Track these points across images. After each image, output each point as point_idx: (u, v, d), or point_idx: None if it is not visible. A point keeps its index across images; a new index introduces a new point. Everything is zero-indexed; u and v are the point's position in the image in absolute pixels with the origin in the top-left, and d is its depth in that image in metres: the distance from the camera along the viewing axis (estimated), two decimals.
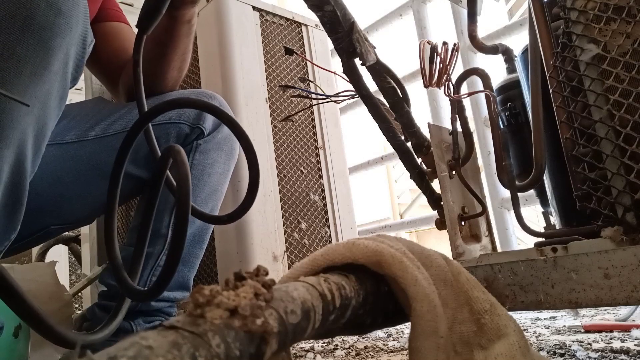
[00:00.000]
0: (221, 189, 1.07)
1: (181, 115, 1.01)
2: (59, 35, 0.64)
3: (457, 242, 0.84)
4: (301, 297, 0.31)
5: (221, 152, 1.05)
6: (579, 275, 0.63)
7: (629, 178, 0.60)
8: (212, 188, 1.04)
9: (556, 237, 0.75)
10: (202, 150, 1.02)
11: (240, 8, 1.42)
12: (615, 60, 0.63)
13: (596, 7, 0.66)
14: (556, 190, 0.84)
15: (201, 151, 1.02)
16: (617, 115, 0.62)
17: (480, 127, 1.86)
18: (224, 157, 1.06)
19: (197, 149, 1.01)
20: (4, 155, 0.60)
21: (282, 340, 0.28)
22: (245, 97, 1.35)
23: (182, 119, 1.02)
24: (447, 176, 0.87)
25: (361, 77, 0.87)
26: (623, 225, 0.61)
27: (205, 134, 1.03)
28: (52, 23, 0.63)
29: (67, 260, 2.60)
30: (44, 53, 0.63)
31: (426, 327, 0.42)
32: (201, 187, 1.01)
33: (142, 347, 0.20)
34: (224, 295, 0.25)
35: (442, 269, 0.49)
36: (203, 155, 1.02)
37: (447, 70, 0.84)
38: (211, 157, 1.03)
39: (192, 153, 1.00)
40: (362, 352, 1.06)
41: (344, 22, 0.83)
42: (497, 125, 0.88)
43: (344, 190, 1.52)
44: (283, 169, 1.40)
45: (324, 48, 1.61)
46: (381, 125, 0.89)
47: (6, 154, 0.61)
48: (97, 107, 1.05)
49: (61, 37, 0.65)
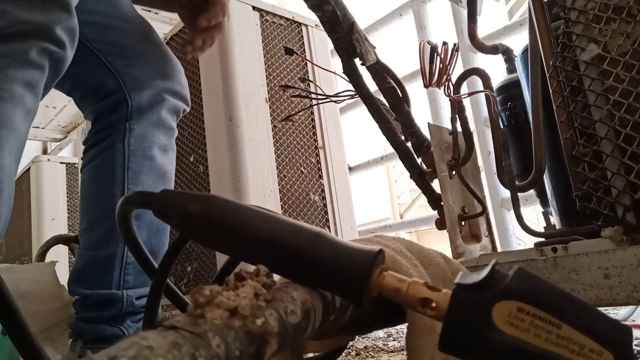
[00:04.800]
0: (170, 169, 0.97)
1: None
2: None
3: (457, 242, 0.84)
4: (301, 297, 0.31)
5: (157, 130, 0.95)
6: (579, 275, 0.63)
7: (629, 178, 0.60)
8: (160, 171, 0.95)
9: (556, 237, 0.75)
10: (136, 134, 0.92)
11: (241, 8, 1.42)
12: (615, 60, 0.63)
13: (596, 7, 0.66)
14: (556, 190, 0.84)
15: (136, 135, 0.92)
16: (617, 115, 0.62)
17: (480, 127, 1.86)
18: (162, 134, 0.96)
19: (131, 134, 0.91)
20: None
21: (282, 341, 0.28)
22: (245, 97, 1.35)
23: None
24: (447, 176, 0.87)
25: (361, 77, 0.87)
26: (623, 225, 0.61)
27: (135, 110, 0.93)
28: None
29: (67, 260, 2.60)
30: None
31: (422, 325, 0.42)
32: (146, 173, 0.92)
33: (142, 347, 0.20)
34: (224, 296, 0.25)
35: (441, 267, 0.49)
36: (139, 140, 0.92)
37: (447, 70, 0.84)
38: (149, 138, 0.93)
39: (127, 139, 0.91)
40: (362, 352, 1.06)
41: (344, 22, 0.83)
42: (497, 125, 0.89)
43: (344, 190, 1.52)
44: (283, 169, 1.40)
45: (324, 48, 1.61)
46: (381, 125, 0.89)
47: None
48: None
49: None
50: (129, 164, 0.90)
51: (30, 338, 0.41)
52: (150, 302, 0.49)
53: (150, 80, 0.94)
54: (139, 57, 0.94)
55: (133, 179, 0.90)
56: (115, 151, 0.90)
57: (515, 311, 0.28)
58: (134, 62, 0.93)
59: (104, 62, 0.91)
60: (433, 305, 0.31)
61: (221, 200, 0.36)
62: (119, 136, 0.90)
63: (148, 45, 0.96)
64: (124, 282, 0.89)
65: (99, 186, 0.91)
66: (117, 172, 0.89)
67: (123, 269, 0.89)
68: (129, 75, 0.92)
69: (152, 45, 0.97)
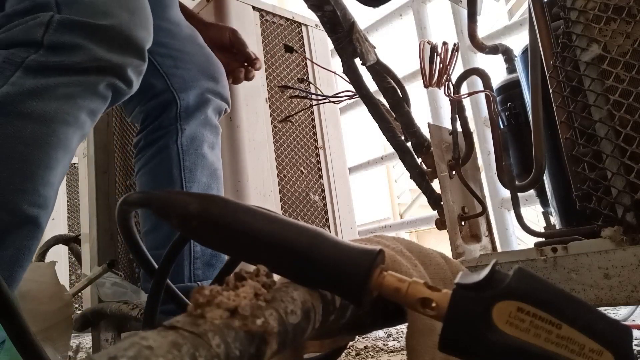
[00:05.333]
0: (219, 166, 1.03)
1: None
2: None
3: (457, 242, 0.84)
4: (301, 297, 0.31)
5: (205, 129, 1.00)
6: (579, 275, 0.63)
7: (629, 178, 0.60)
8: (211, 168, 0.99)
9: (556, 237, 0.75)
10: (187, 134, 0.97)
11: (240, 8, 1.42)
12: (615, 60, 0.63)
13: (596, 7, 0.66)
14: (556, 190, 0.84)
15: (187, 136, 0.97)
16: (617, 115, 0.62)
17: (480, 127, 1.86)
18: (209, 133, 1.01)
19: (182, 134, 0.96)
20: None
21: (282, 341, 0.28)
22: (245, 97, 1.35)
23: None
24: (447, 176, 0.87)
25: (361, 77, 0.87)
26: (623, 225, 0.61)
27: (184, 109, 0.98)
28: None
29: (67, 260, 2.60)
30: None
31: (423, 325, 0.42)
32: (199, 171, 0.97)
33: (142, 347, 0.20)
34: (224, 296, 0.25)
35: (441, 267, 0.49)
36: (190, 140, 0.97)
37: (447, 70, 0.84)
38: (199, 137, 0.98)
39: (179, 140, 0.96)
40: (362, 352, 1.06)
41: (344, 22, 0.83)
42: (497, 125, 0.89)
43: (344, 190, 1.52)
44: (283, 169, 1.40)
45: (324, 48, 1.61)
46: (381, 125, 0.89)
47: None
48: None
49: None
50: (184, 163, 0.95)
51: (30, 338, 0.41)
52: (150, 302, 0.49)
53: (196, 81, 0.98)
54: (186, 58, 0.99)
55: (189, 177, 0.95)
56: (170, 152, 0.95)
57: (515, 311, 0.28)
58: (180, 64, 0.98)
59: (153, 62, 0.96)
60: (433, 305, 0.31)
61: (221, 200, 0.36)
62: (172, 137, 0.96)
63: (194, 48, 1.01)
64: (194, 275, 0.94)
65: (158, 188, 0.95)
66: (174, 172, 0.95)
67: (192, 264, 0.94)
68: (176, 76, 0.97)
69: (198, 48, 1.02)
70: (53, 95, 0.64)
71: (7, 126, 0.62)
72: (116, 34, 0.68)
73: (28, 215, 0.63)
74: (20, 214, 0.62)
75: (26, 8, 0.66)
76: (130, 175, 1.54)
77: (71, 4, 0.66)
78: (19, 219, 0.62)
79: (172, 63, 0.97)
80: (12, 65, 0.64)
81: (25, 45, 0.65)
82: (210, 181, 0.98)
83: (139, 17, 0.73)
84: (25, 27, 0.65)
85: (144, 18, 0.74)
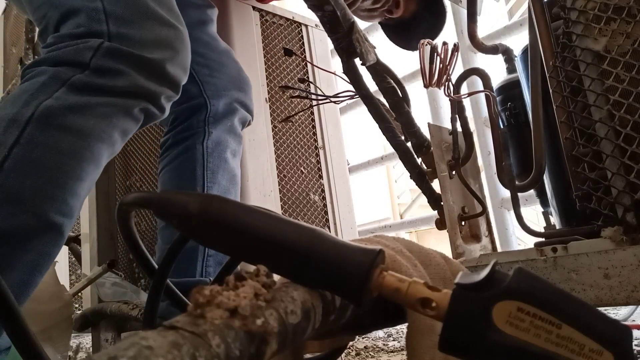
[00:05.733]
0: (239, 173, 1.09)
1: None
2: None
3: (457, 242, 0.84)
4: (301, 297, 0.31)
5: (229, 136, 1.07)
6: (579, 275, 0.63)
7: (629, 178, 0.60)
8: (231, 173, 1.05)
9: (556, 237, 0.75)
10: (213, 138, 1.03)
11: (240, 8, 1.42)
12: (615, 60, 0.63)
13: (596, 7, 0.66)
14: (556, 190, 0.84)
15: (213, 139, 1.03)
16: (617, 115, 0.62)
17: (480, 127, 1.86)
18: (233, 140, 1.07)
19: (209, 137, 1.03)
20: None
21: (282, 341, 0.28)
22: None
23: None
24: (447, 176, 0.87)
25: (361, 77, 0.87)
26: (623, 225, 0.61)
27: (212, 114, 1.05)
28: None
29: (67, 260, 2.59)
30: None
31: (423, 325, 0.42)
32: (221, 174, 1.03)
33: (142, 347, 0.20)
34: (224, 296, 0.25)
35: (441, 267, 0.49)
36: (215, 143, 1.03)
37: (447, 71, 0.84)
38: (223, 142, 1.05)
39: (205, 141, 1.02)
40: (362, 352, 1.06)
41: (344, 22, 0.83)
42: (497, 125, 0.88)
43: (344, 190, 1.52)
44: (283, 169, 1.40)
45: (324, 48, 1.61)
46: (381, 125, 0.89)
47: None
48: None
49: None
50: (207, 164, 1.01)
51: (30, 338, 0.41)
52: (150, 302, 0.49)
53: (227, 90, 1.07)
54: (220, 69, 1.08)
55: (211, 178, 1.01)
56: (196, 152, 1.01)
57: (516, 311, 0.28)
58: (215, 73, 1.07)
59: (190, 69, 1.03)
60: (433, 305, 0.31)
61: (221, 200, 0.36)
62: (199, 138, 1.02)
63: (229, 61, 1.11)
64: (205, 273, 0.98)
65: (180, 185, 1.01)
66: (198, 171, 1.00)
67: (205, 261, 0.98)
68: (210, 84, 1.06)
69: (232, 62, 1.12)
70: (92, 112, 0.69)
71: (47, 136, 0.66)
72: (157, 67, 0.74)
73: (54, 222, 0.65)
74: (46, 219, 0.65)
75: (81, 33, 0.72)
76: (131, 175, 1.54)
77: (122, 37, 0.73)
78: (45, 224, 0.65)
79: (208, 72, 1.06)
80: (58, 81, 0.69)
81: (73, 65, 0.70)
82: (229, 185, 1.04)
83: (181, 57, 0.79)
84: (75, 48, 0.71)
85: (184, 58, 0.80)
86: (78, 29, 0.73)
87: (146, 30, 0.75)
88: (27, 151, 0.64)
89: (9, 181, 0.63)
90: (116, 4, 0.74)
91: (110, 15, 0.73)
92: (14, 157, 0.64)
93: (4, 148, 0.64)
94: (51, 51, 0.72)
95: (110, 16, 0.73)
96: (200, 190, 1.00)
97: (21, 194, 0.63)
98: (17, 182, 0.63)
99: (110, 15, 0.73)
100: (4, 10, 2.44)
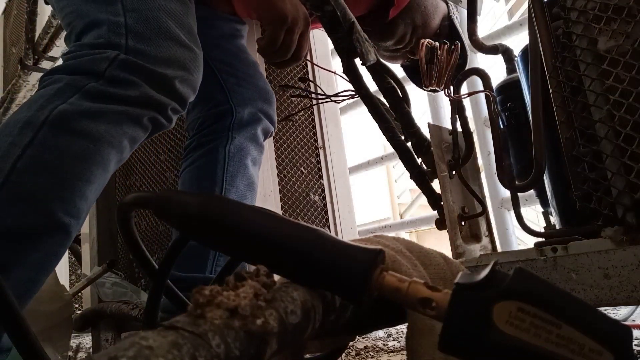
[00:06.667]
0: (256, 181, 1.12)
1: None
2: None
3: (457, 242, 0.84)
4: (301, 297, 0.31)
5: (251, 144, 1.11)
6: (579, 275, 0.63)
7: (629, 178, 0.60)
8: (250, 180, 1.09)
9: (556, 237, 0.75)
10: (236, 143, 1.07)
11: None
12: (615, 60, 0.63)
13: (596, 7, 0.66)
14: (556, 190, 0.84)
15: (235, 144, 1.07)
16: (617, 115, 0.62)
17: (480, 127, 1.86)
18: (254, 148, 1.11)
19: (232, 142, 1.07)
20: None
21: (282, 341, 0.28)
22: None
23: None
24: (447, 176, 0.87)
25: (361, 77, 0.87)
26: (623, 225, 0.61)
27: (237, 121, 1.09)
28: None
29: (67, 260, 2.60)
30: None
31: (423, 325, 0.42)
32: (239, 178, 1.06)
33: (142, 347, 0.20)
34: (224, 296, 0.25)
35: (441, 267, 0.49)
36: (237, 149, 1.07)
37: (447, 71, 0.84)
38: (244, 149, 1.08)
39: (228, 146, 1.06)
40: (362, 352, 1.06)
41: (344, 22, 0.83)
42: (497, 125, 0.88)
43: (344, 190, 1.52)
44: (283, 169, 1.40)
45: (324, 48, 1.61)
46: (381, 125, 0.89)
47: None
48: None
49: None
50: (227, 167, 1.05)
51: (30, 338, 0.41)
52: (150, 303, 0.49)
53: (253, 100, 1.12)
54: (247, 79, 1.13)
55: (230, 181, 1.05)
56: (218, 155, 1.06)
57: (516, 311, 0.28)
58: (242, 83, 1.13)
59: (219, 79, 1.12)
60: (433, 305, 0.31)
61: (221, 200, 0.36)
62: (222, 142, 1.07)
63: (255, 73, 1.17)
64: (215, 271, 1.00)
65: (199, 185, 1.05)
66: (218, 173, 1.05)
67: (215, 259, 1.01)
68: (236, 93, 1.11)
69: (259, 74, 1.18)
70: (104, 118, 0.72)
71: (60, 139, 0.68)
72: (167, 82, 0.77)
73: (62, 222, 0.67)
74: (55, 219, 0.66)
75: (100, 44, 0.76)
76: (131, 175, 1.54)
77: (138, 52, 0.76)
78: (54, 224, 0.66)
79: (235, 81, 1.12)
80: (73, 88, 0.72)
81: (88, 74, 0.73)
82: (246, 191, 1.08)
83: (193, 77, 0.82)
84: (92, 58, 0.74)
85: (195, 79, 0.84)
86: (98, 40, 0.76)
87: (162, 48, 0.78)
88: (40, 152, 0.67)
89: (22, 180, 0.65)
90: (138, 21, 0.78)
91: (130, 30, 0.77)
92: (27, 157, 0.66)
93: (18, 148, 0.66)
94: (69, 59, 0.76)
95: (131, 31, 0.77)
96: (218, 192, 1.03)
97: (33, 194, 0.65)
98: (29, 181, 0.65)
99: (130, 31, 0.77)
100: (4, 10, 2.44)
